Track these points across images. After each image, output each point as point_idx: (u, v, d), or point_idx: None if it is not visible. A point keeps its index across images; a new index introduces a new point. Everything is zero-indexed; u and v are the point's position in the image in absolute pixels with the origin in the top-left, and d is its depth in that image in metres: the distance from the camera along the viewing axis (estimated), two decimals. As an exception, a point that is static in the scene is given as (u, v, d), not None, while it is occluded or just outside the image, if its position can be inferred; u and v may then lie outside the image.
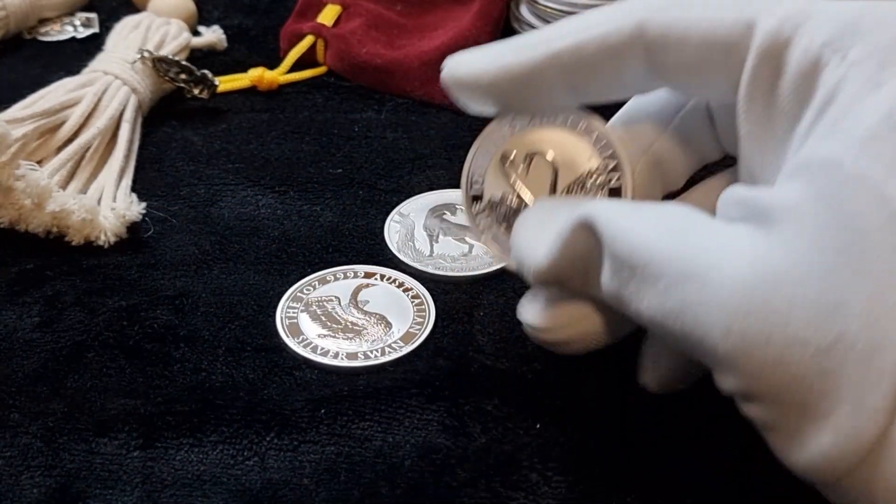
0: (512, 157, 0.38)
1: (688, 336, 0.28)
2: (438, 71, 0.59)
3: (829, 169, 0.28)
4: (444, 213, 0.50)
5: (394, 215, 0.50)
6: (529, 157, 0.38)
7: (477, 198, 0.39)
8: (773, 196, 0.29)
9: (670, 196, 0.39)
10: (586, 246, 0.32)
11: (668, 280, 0.29)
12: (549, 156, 0.38)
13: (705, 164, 0.39)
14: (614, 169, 0.37)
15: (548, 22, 0.60)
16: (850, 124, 0.28)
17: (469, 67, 0.36)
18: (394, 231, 0.48)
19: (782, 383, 0.27)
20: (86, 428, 0.38)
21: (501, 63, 0.35)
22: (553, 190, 0.38)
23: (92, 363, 0.41)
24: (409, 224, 0.49)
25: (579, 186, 0.38)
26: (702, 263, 0.28)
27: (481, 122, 0.37)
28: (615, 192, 0.37)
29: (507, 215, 0.39)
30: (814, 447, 0.27)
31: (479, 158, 0.39)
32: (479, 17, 0.62)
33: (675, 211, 0.31)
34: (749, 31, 0.31)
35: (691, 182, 0.39)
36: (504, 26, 0.63)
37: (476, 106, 0.38)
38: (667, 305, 0.29)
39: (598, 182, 0.37)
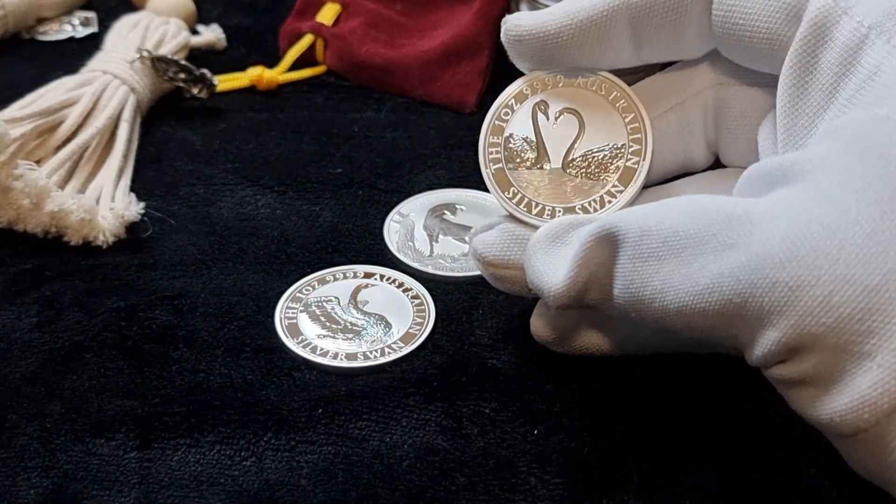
0: (545, 108, 0.39)
1: (725, 308, 0.28)
2: (438, 70, 0.60)
3: (875, 124, 0.28)
4: (444, 213, 0.50)
5: (393, 215, 0.50)
6: (561, 112, 0.39)
7: (499, 129, 0.39)
8: (805, 154, 0.29)
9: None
10: (604, 259, 0.32)
11: (702, 260, 0.29)
12: (581, 115, 0.38)
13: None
14: (635, 153, 0.38)
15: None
16: (893, 94, 0.28)
17: (532, 19, 0.37)
18: (393, 231, 0.48)
19: (829, 324, 0.26)
20: (83, 429, 0.38)
21: (568, 10, 0.36)
22: (570, 149, 0.38)
23: (90, 364, 0.41)
24: (408, 224, 0.49)
25: (597, 156, 0.38)
26: (738, 232, 0.28)
27: (480, 122, 0.37)
28: (628, 173, 0.38)
29: (518, 156, 0.39)
30: (855, 388, 0.27)
31: (515, 97, 0.39)
32: (480, 16, 0.61)
33: (693, 197, 0.31)
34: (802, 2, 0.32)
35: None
36: (504, 26, 0.63)
37: (533, 62, 0.38)
38: (700, 284, 0.29)
39: (614, 157, 0.38)
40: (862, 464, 0.28)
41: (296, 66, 0.62)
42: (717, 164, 0.40)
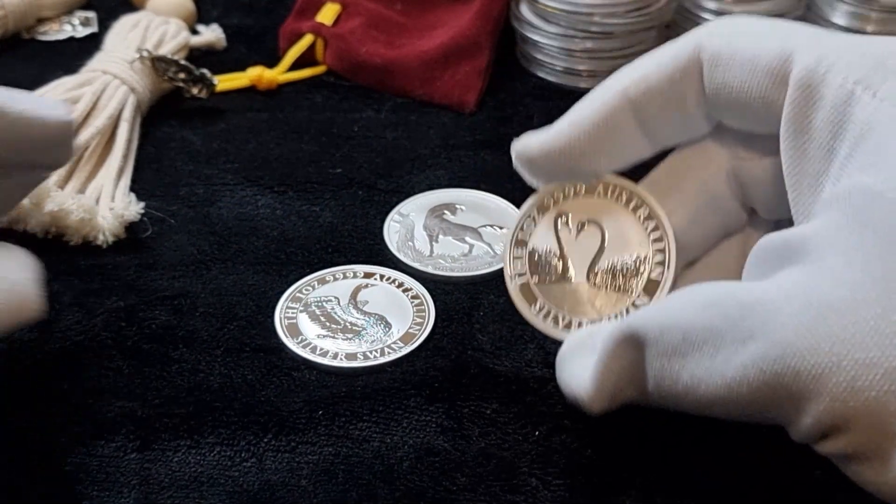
0: (567, 219, 0.39)
1: (757, 396, 0.29)
2: (438, 70, 0.60)
3: (868, 198, 0.29)
4: (444, 213, 0.50)
5: (393, 215, 0.49)
6: (583, 223, 0.39)
7: (522, 242, 0.40)
8: (810, 229, 0.30)
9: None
10: (629, 360, 0.33)
11: (726, 352, 0.29)
12: (602, 227, 0.39)
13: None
14: (658, 263, 0.38)
15: (548, 21, 0.60)
16: (886, 157, 0.29)
17: (540, 139, 0.38)
18: (393, 231, 0.48)
19: (858, 409, 0.27)
20: (83, 430, 0.38)
21: (573, 121, 0.37)
22: (594, 262, 0.39)
23: (89, 364, 0.41)
24: (408, 224, 0.49)
25: (621, 269, 0.39)
26: (753, 323, 0.29)
27: (480, 122, 0.37)
28: (652, 285, 0.38)
29: (543, 269, 0.39)
30: (895, 467, 0.27)
31: (536, 209, 0.40)
32: (480, 16, 0.61)
33: (705, 288, 0.32)
34: (788, 63, 0.33)
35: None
36: (504, 26, 0.63)
37: (550, 178, 0.39)
38: (729, 376, 0.29)
39: (638, 270, 0.39)
40: None
41: (296, 66, 0.62)
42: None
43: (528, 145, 0.38)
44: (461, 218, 0.49)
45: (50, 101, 0.38)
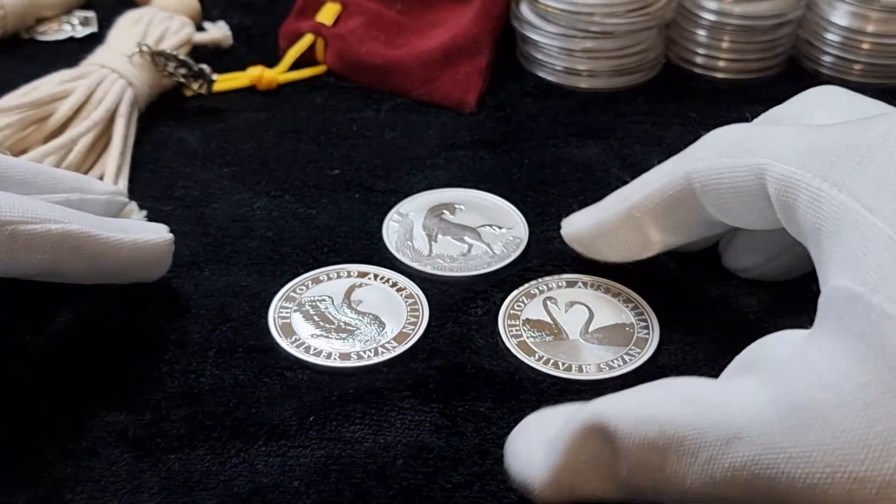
0: (555, 302, 0.44)
1: (749, 496, 0.29)
2: (438, 70, 0.59)
3: (850, 301, 0.29)
4: (444, 213, 0.49)
5: (392, 214, 0.49)
6: (570, 304, 0.44)
7: (514, 315, 0.43)
8: (798, 336, 0.31)
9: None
10: (595, 450, 0.32)
11: (711, 450, 0.29)
12: (588, 306, 0.44)
13: None
14: (643, 327, 0.43)
15: (548, 21, 0.60)
16: (859, 257, 0.29)
17: (571, 227, 0.45)
18: (392, 231, 0.48)
19: None
20: (72, 434, 0.38)
21: (590, 222, 0.43)
22: (585, 327, 0.43)
23: (80, 366, 0.41)
24: (407, 224, 0.49)
25: (612, 327, 0.43)
26: (737, 422, 0.29)
27: (481, 122, 0.37)
28: (640, 342, 0.42)
29: (538, 332, 0.42)
30: None
31: (525, 294, 0.45)
32: (480, 16, 0.61)
33: (682, 382, 0.32)
34: (761, 179, 0.35)
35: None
36: (504, 26, 0.63)
37: (585, 252, 0.45)
38: (717, 474, 0.29)
39: (627, 330, 0.42)
40: None
41: (296, 65, 0.62)
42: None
43: (568, 225, 0.45)
44: (460, 218, 0.49)
45: (152, 225, 0.43)
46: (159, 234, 0.42)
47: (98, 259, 0.39)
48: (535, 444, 0.34)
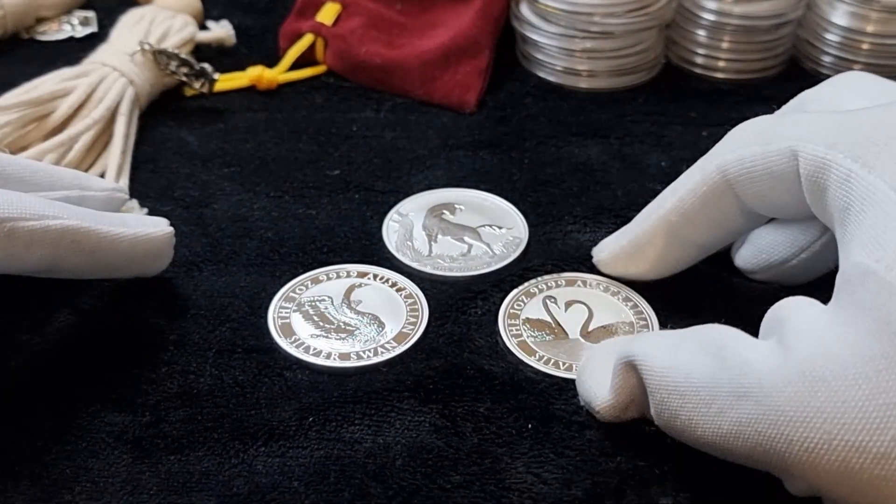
0: (555, 301, 0.44)
1: (751, 452, 0.31)
2: (438, 70, 0.59)
3: (864, 277, 0.30)
4: (444, 213, 0.49)
5: (392, 214, 0.49)
6: (570, 302, 0.44)
7: (514, 315, 0.43)
8: (818, 308, 0.31)
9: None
10: (636, 380, 0.35)
11: (721, 403, 0.31)
12: (588, 305, 0.44)
13: None
14: (643, 326, 0.43)
15: (548, 21, 0.59)
16: (880, 236, 0.30)
17: (604, 252, 0.45)
18: (392, 231, 0.48)
19: (850, 490, 0.28)
20: (72, 435, 0.38)
21: (624, 242, 0.43)
22: (585, 326, 0.43)
23: (80, 367, 0.41)
24: (407, 224, 0.49)
25: (611, 327, 0.43)
26: (750, 381, 0.30)
27: (481, 122, 0.37)
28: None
29: (539, 331, 0.43)
30: None
31: (525, 294, 0.45)
32: (480, 16, 0.61)
33: (710, 333, 0.33)
34: (794, 160, 0.35)
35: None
36: (504, 26, 0.63)
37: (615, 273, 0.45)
38: (724, 427, 0.31)
39: (627, 330, 0.43)
40: None
41: (296, 65, 0.62)
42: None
43: (600, 253, 0.45)
44: (460, 218, 0.49)
45: (151, 218, 0.43)
46: (159, 227, 0.42)
47: (98, 254, 0.39)
48: (599, 368, 0.38)
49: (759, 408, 0.30)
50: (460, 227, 0.49)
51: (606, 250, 0.44)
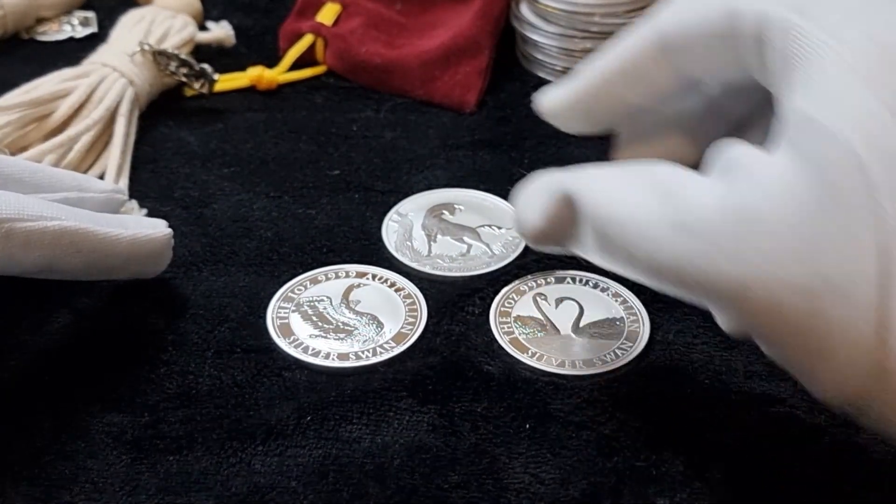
0: (545, 298, 0.44)
1: (684, 284, 0.31)
2: (438, 70, 0.59)
3: (804, 123, 0.30)
4: (443, 213, 0.49)
5: (392, 214, 0.49)
6: (560, 299, 0.44)
7: (505, 313, 0.44)
8: (758, 151, 0.32)
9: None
10: (568, 214, 0.35)
11: (657, 237, 0.31)
12: (578, 301, 0.44)
13: None
14: (633, 321, 0.43)
15: (548, 21, 0.60)
16: (820, 84, 0.30)
17: (547, 99, 0.42)
18: (392, 231, 0.48)
19: (776, 324, 0.29)
20: (71, 435, 0.38)
21: (567, 93, 0.41)
22: (576, 322, 0.43)
23: (78, 368, 0.41)
24: (407, 224, 0.49)
25: (602, 324, 0.43)
26: (686, 217, 0.31)
27: (480, 122, 0.37)
28: (633, 335, 0.42)
29: (530, 328, 0.43)
30: (816, 384, 0.29)
31: (515, 292, 0.45)
32: (480, 16, 0.61)
33: (654, 169, 0.33)
34: (732, 17, 0.34)
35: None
36: (504, 26, 0.63)
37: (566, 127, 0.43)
38: (659, 261, 0.31)
39: (618, 325, 0.43)
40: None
41: (296, 66, 0.62)
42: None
43: (543, 102, 0.42)
44: (460, 218, 0.49)
45: (150, 220, 0.43)
46: (158, 228, 0.42)
47: (96, 255, 0.39)
48: (535, 195, 0.37)
49: (696, 241, 0.30)
50: (460, 227, 0.49)
51: (550, 97, 0.42)
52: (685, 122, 0.42)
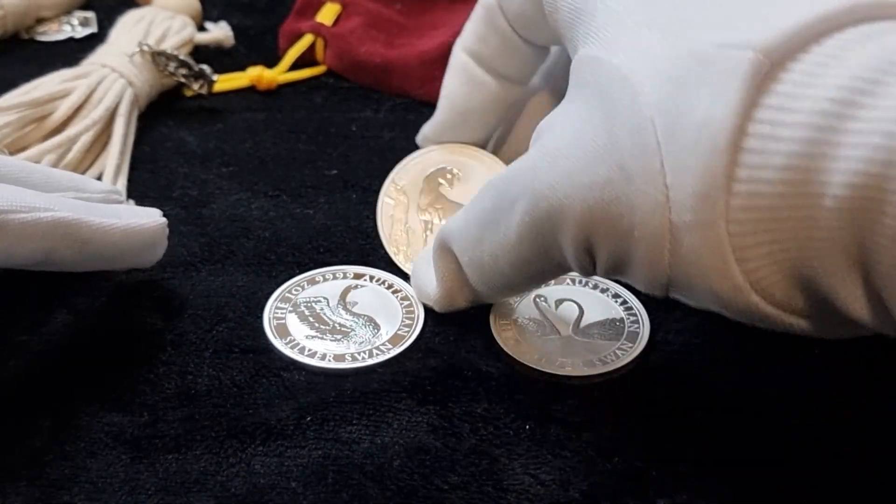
0: (545, 299, 0.44)
1: (534, 247, 0.36)
2: (438, 70, 0.59)
3: (593, 65, 0.34)
4: (441, 183, 0.49)
5: (387, 188, 0.49)
6: (560, 300, 0.44)
7: (505, 315, 0.43)
8: (549, 117, 0.37)
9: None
10: (454, 263, 0.41)
11: (507, 217, 0.36)
12: (579, 303, 0.44)
13: None
14: (633, 322, 0.43)
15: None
16: (608, 31, 0.35)
17: (427, 129, 0.51)
18: (386, 214, 0.48)
19: (595, 223, 0.33)
20: (70, 435, 0.38)
21: (441, 110, 0.50)
22: (576, 323, 0.43)
23: (77, 367, 0.41)
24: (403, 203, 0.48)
25: (603, 322, 0.43)
26: (518, 185, 0.36)
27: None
28: (632, 335, 0.42)
29: (530, 330, 0.43)
30: (640, 266, 0.33)
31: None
32: (480, 16, 0.61)
33: (488, 179, 0.39)
34: None
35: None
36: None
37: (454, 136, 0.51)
38: (512, 238, 0.37)
39: (618, 326, 0.43)
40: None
41: (296, 66, 0.62)
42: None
43: (424, 137, 0.51)
44: (458, 192, 0.49)
45: (144, 209, 0.43)
46: (152, 217, 0.42)
47: (90, 245, 0.39)
48: (425, 269, 0.43)
49: (525, 202, 0.35)
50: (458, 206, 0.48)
51: (429, 127, 0.51)
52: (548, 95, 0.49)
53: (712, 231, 0.30)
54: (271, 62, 0.62)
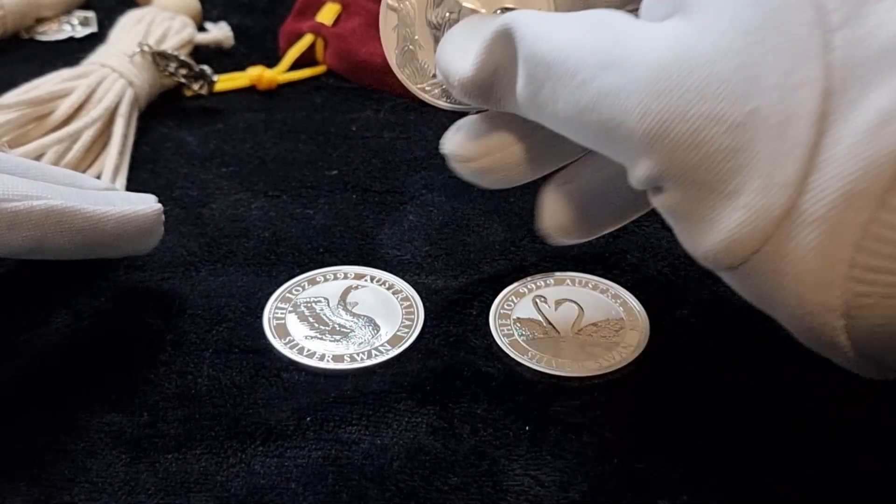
0: (545, 300, 0.44)
1: (604, 126, 0.29)
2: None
3: None
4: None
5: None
6: (560, 301, 0.44)
7: (505, 315, 0.43)
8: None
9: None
10: (505, 54, 0.33)
11: (586, 73, 0.30)
12: (578, 303, 0.44)
13: None
14: (632, 324, 0.42)
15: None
16: None
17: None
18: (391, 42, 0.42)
19: (696, 161, 0.27)
20: (70, 435, 0.38)
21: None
22: (576, 323, 0.43)
23: (77, 368, 0.41)
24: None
25: (603, 325, 0.43)
26: (619, 52, 0.29)
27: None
28: (633, 335, 0.42)
29: (530, 330, 0.43)
30: (723, 227, 0.28)
31: (514, 294, 0.45)
32: (480, 16, 0.61)
33: (595, 12, 0.32)
34: None
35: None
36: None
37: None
38: (584, 100, 0.30)
39: (618, 324, 0.43)
40: (744, 293, 0.30)
41: (296, 66, 0.62)
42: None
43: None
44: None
45: (139, 195, 0.43)
46: (147, 204, 0.42)
47: (85, 233, 0.39)
48: (465, 39, 0.36)
49: (622, 78, 0.29)
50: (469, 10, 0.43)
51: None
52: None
53: (840, 238, 0.26)
54: (271, 62, 0.62)
